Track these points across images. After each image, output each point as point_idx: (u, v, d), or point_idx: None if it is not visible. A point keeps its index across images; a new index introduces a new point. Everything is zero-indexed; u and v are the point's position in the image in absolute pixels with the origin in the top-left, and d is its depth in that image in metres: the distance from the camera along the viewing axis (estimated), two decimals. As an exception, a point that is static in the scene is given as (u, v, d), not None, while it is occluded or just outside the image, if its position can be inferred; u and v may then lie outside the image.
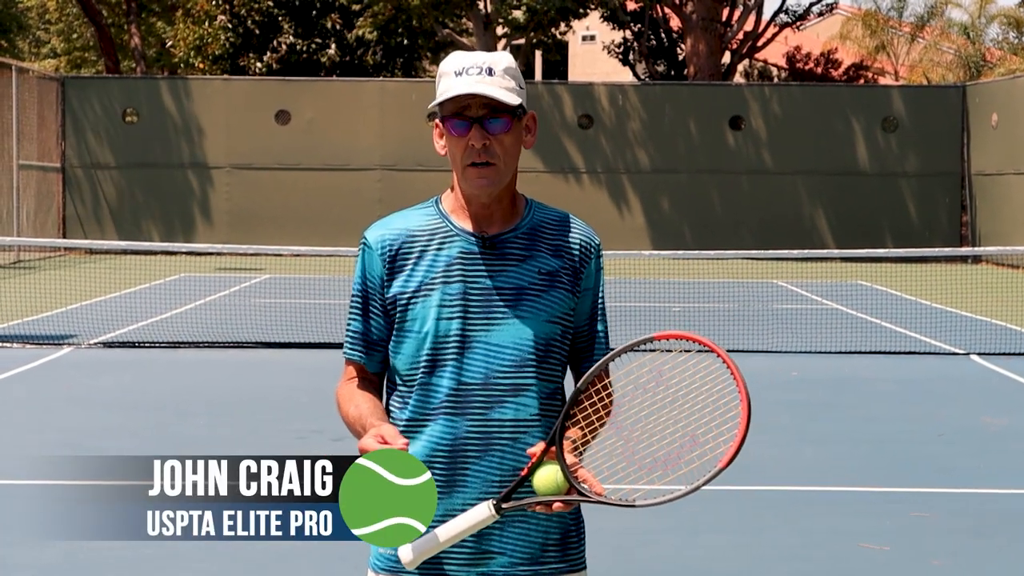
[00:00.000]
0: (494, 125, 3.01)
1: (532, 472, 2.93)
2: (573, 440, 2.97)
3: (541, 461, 2.93)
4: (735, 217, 29.22)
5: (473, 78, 2.98)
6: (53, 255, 27.27)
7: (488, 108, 3.00)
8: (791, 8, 38.17)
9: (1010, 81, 28.81)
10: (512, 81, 3.02)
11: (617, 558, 6.55)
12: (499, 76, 3.00)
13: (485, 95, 2.97)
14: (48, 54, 53.51)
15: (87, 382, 11.87)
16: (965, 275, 23.49)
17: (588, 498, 2.91)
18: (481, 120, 3.00)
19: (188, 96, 29.27)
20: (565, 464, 2.91)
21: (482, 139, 3.00)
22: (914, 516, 7.41)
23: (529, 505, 2.93)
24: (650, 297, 18.70)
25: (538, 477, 2.92)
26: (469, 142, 3.00)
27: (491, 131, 3.01)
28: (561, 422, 2.94)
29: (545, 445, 2.93)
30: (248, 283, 21.90)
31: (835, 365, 13.27)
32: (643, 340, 2.95)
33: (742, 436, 2.86)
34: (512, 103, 3.00)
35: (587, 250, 3.14)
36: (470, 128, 3.00)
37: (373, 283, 3.10)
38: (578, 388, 3.00)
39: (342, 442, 8.89)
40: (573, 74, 55.63)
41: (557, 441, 2.93)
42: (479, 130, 3.00)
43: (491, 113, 3.00)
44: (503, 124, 3.02)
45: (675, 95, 30.23)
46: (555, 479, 2.91)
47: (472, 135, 3.00)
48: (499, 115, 3.01)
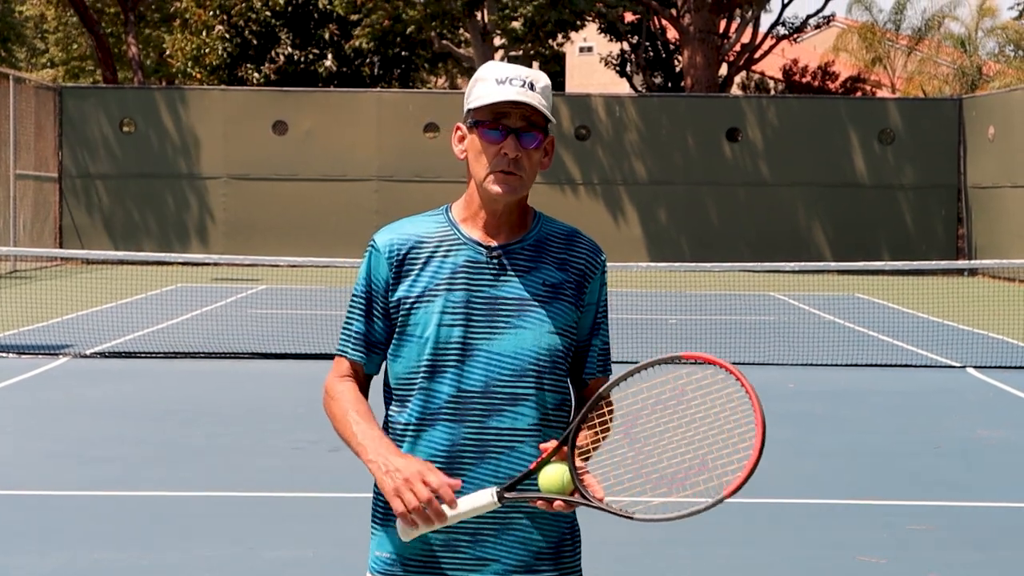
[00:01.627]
0: (528, 139, 3.05)
1: (540, 468, 2.95)
2: (580, 445, 2.99)
3: (550, 459, 2.95)
4: (732, 229, 29.24)
5: (517, 88, 3.02)
6: (50, 265, 27.26)
7: (526, 121, 3.05)
8: (788, 20, 38.25)
9: (1007, 94, 28.87)
10: (548, 101, 3.08)
11: (617, 569, 6.55)
12: (539, 92, 3.06)
13: (529, 105, 3.02)
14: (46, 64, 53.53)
15: (84, 392, 11.86)
16: (961, 288, 23.52)
17: (589, 502, 2.93)
18: (518, 131, 3.04)
19: (185, 106, 29.29)
20: (574, 466, 2.93)
21: (516, 150, 3.04)
22: (911, 529, 7.41)
23: (531, 499, 2.95)
24: (647, 309, 18.71)
25: (545, 474, 2.95)
26: (502, 151, 3.04)
27: (524, 144, 3.05)
28: (577, 424, 2.97)
29: (558, 444, 2.95)
30: (245, 293, 21.90)
31: (832, 378, 13.28)
32: (671, 358, 2.97)
33: (749, 470, 2.88)
34: (550, 119, 3.07)
35: (592, 265, 3.16)
36: (504, 137, 3.04)
37: (378, 286, 3.12)
38: (599, 394, 3.01)
39: (338, 452, 8.89)
40: (570, 86, 55.71)
41: (570, 442, 2.96)
42: (515, 141, 3.04)
43: (527, 127, 3.05)
44: (535, 139, 3.06)
45: (672, 107, 30.28)
46: (561, 478, 2.94)
47: (507, 144, 3.04)
48: (533, 130, 3.06)
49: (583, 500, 2.94)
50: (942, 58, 43.01)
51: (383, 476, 2.97)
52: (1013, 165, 26.90)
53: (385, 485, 2.96)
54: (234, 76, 35.41)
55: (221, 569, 6.51)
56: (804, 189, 29.46)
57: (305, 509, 7.83)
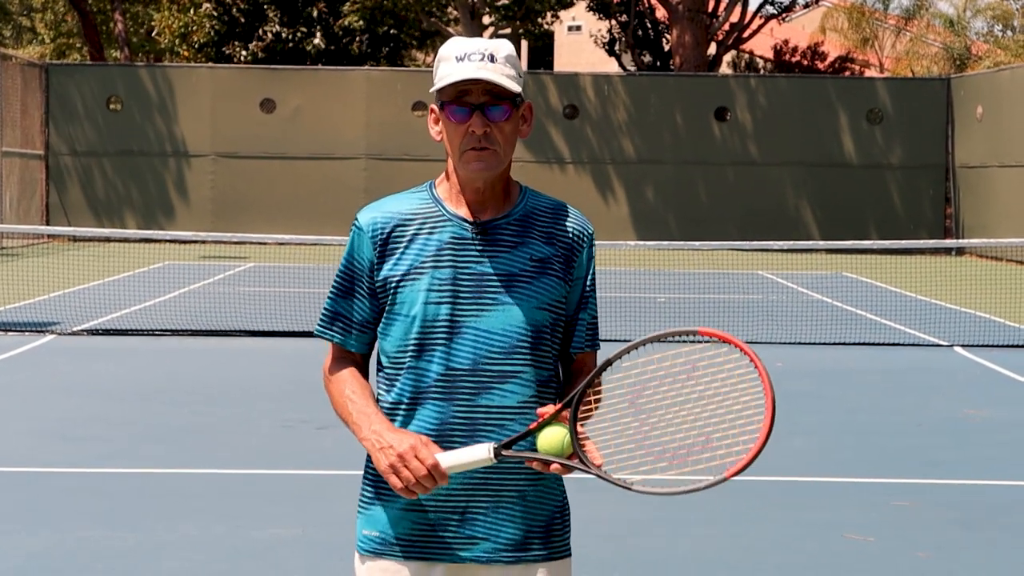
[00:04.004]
0: (495, 112, 3.00)
1: (540, 429, 2.92)
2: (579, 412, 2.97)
3: (551, 420, 2.92)
4: (720, 208, 29.25)
5: (475, 64, 2.97)
6: (36, 242, 27.18)
7: (490, 95, 2.99)
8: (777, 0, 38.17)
9: (995, 74, 28.87)
10: (512, 69, 3.02)
11: (607, 547, 6.55)
12: (500, 63, 2.99)
13: (488, 80, 2.97)
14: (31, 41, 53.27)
15: (70, 370, 11.83)
16: (949, 267, 23.56)
17: (587, 469, 2.91)
18: (482, 107, 2.99)
19: (173, 84, 29.18)
20: (575, 431, 2.91)
21: (483, 126, 2.99)
22: (898, 507, 7.43)
23: (528, 459, 2.93)
24: (635, 288, 18.71)
25: (544, 436, 2.92)
26: (470, 128, 3.00)
27: (492, 118, 3.00)
28: (583, 388, 2.94)
29: (560, 406, 2.93)
30: (233, 271, 21.86)
31: (819, 356, 13.30)
32: (687, 331, 2.92)
33: (755, 453, 2.86)
34: (514, 90, 3.01)
35: (580, 239, 3.13)
36: (470, 115, 3.00)
37: (361, 265, 3.09)
38: (608, 360, 2.96)
39: (327, 430, 8.88)
40: (559, 64, 55.60)
41: (573, 406, 2.93)
42: (480, 117, 2.99)
43: (492, 100, 3.00)
44: (504, 111, 3.01)
45: (661, 86, 30.24)
46: (561, 440, 2.91)
47: (473, 122, 2.99)
48: (500, 102, 3.00)
49: (581, 465, 2.91)
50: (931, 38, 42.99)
51: (377, 453, 2.96)
52: (1001, 145, 26.92)
53: (380, 463, 2.96)
54: (221, 54, 35.26)
55: (209, 547, 6.49)
56: (792, 168, 29.46)
57: (293, 487, 7.82)
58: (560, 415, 2.93)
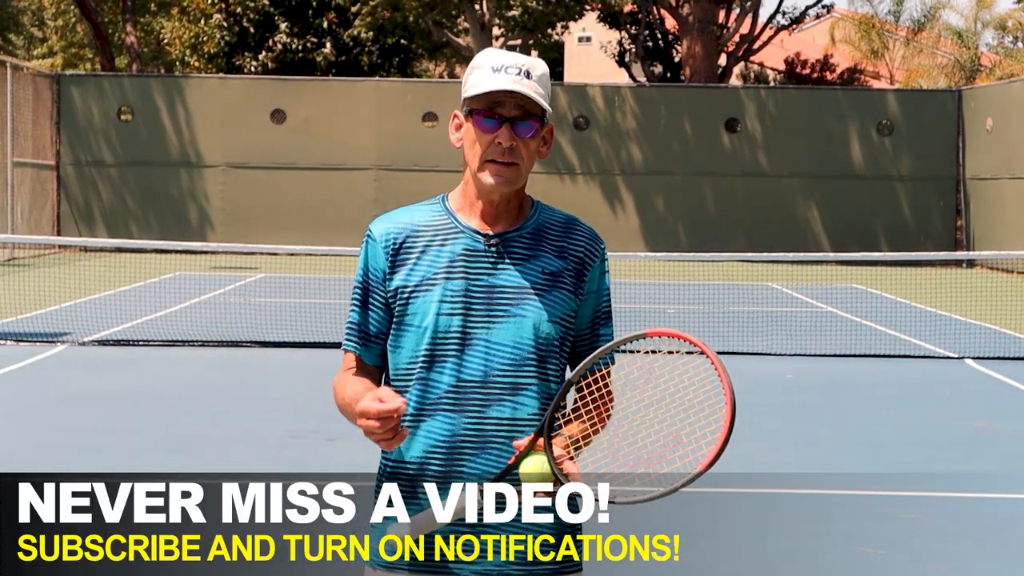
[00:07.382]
0: (523, 127, 3.02)
1: (519, 462, 2.93)
2: (569, 436, 2.97)
3: (529, 451, 2.93)
4: (730, 219, 29.23)
5: (512, 77, 2.99)
6: (47, 252, 27.24)
7: (521, 110, 3.02)
8: (787, 11, 38.21)
9: (1005, 86, 28.85)
10: (544, 89, 3.04)
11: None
12: (535, 80, 3.02)
13: (523, 95, 2.99)
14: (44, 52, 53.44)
15: (81, 380, 11.85)
16: (959, 279, 23.52)
17: None
18: (512, 120, 3.02)
19: (183, 94, 29.24)
20: (552, 455, 2.91)
21: (511, 139, 3.01)
22: (909, 520, 7.41)
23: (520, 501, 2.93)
24: (644, 299, 18.71)
25: (525, 467, 2.93)
26: (496, 139, 3.02)
27: (519, 133, 3.02)
28: (550, 413, 2.95)
29: (534, 436, 2.94)
30: (243, 282, 21.89)
31: (830, 368, 13.28)
32: (636, 336, 2.94)
33: (723, 441, 2.86)
34: (546, 109, 3.04)
35: (591, 253, 3.14)
36: (499, 126, 3.02)
37: (375, 276, 3.10)
38: (569, 380, 2.99)
39: (337, 441, 8.89)
40: (569, 75, 55.66)
41: (545, 432, 2.93)
42: (509, 130, 3.02)
43: (523, 115, 3.02)
44: (531, 128, 3.03)
45: (671, 97, 30.25)
46: (541, 468, 2.92)
47: (501, 133, 3.01)
48: (529, 119, 3.03)
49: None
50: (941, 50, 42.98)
51: (360, 428, 2.95)
52: (1011, 156, 26.89)
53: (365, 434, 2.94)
54: (232, 64, 35.35)
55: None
56: (802, 180, 29.44)
57: (303, 498, 7.82)
58: (535, 444, 2.94)
